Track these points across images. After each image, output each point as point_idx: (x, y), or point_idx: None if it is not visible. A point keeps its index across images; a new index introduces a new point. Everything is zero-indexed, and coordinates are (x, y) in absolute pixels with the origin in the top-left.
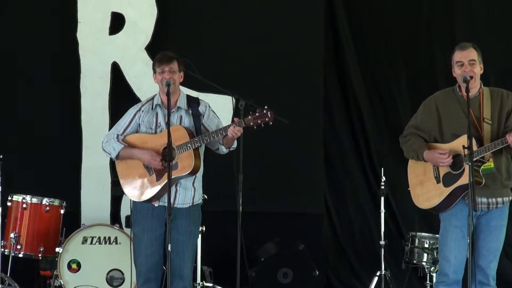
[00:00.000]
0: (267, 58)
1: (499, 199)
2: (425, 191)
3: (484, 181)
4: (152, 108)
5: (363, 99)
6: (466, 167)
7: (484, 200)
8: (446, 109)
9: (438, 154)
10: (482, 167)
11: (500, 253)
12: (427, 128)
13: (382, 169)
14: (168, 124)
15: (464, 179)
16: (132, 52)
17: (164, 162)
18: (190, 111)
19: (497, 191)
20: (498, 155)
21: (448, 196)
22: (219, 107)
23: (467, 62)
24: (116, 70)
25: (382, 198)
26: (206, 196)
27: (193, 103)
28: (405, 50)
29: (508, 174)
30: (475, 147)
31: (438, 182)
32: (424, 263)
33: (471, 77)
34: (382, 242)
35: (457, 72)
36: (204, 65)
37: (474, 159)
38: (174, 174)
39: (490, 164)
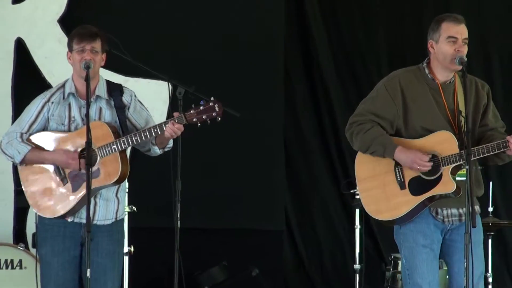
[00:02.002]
0: (213, 36)
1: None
2: (387, 197)
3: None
4: (63, 98)
5: (334, 88)
6: (445, 173)
7: (455, 211)
8: (414, 94)
9: (419, 155)
10: (459, 172)
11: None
12: (389, 116)
13: None
14: (87, 118)
15: (441, 188)
16: (41, 26)
17: (84, 164)
18: (112, 102)
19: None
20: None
21: (415, 207)
22: (152, 95)
23: (462, 40)
24: (21, 48)
25: (357, 211)
26: (135, 208)
27: (115, 91)
28: (388, 27)
29: (478, 181)
30: (457, 149)
31: (402, 188)
32: None
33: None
34: (357, 266)
35: (445, 48)
36: (134, 43)
37: (457, 164)
38: (96, 184)
39: (464, 170)
